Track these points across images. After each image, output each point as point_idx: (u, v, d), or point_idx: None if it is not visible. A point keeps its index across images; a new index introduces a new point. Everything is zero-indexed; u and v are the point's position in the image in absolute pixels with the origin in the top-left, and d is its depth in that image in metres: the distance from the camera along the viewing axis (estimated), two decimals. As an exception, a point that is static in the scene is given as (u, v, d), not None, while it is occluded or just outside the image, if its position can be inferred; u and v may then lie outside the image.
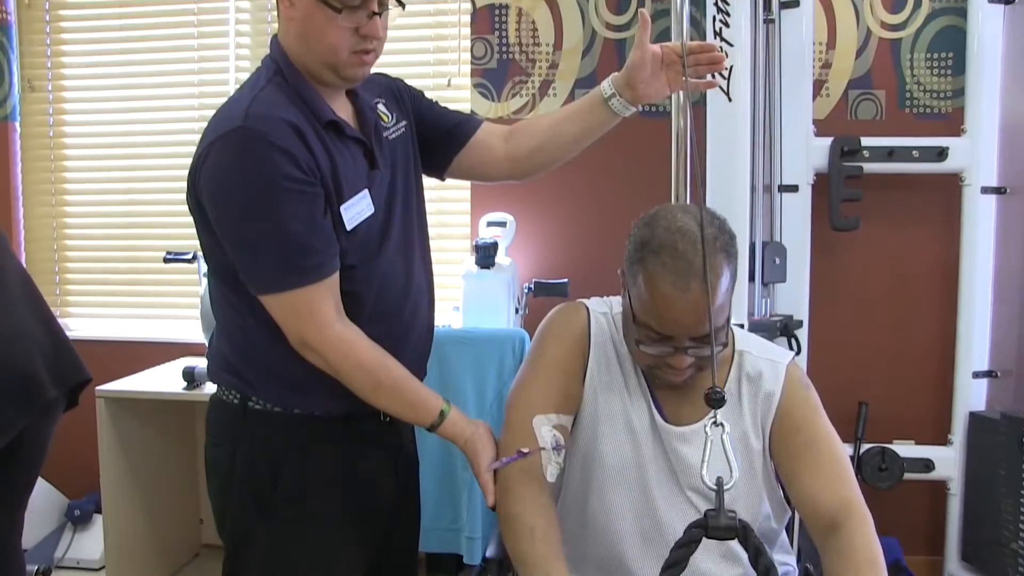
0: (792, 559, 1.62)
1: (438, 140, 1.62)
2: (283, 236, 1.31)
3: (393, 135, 1.51)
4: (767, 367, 1.46)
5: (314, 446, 1.46)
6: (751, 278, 2.64)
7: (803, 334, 2.71)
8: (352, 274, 1.40)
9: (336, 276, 1.37)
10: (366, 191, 1.42)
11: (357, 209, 1.40)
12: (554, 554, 1.33)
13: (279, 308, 1.36)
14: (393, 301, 1.48)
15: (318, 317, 1.35)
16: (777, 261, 2.67)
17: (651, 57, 1.50)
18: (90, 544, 3.22)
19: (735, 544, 1.44)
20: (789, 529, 1.67)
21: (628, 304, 1.37)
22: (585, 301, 1.56)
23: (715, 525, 1.01)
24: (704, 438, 1.09)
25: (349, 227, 1.38)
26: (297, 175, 1.31)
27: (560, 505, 1.52)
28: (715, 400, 1.05)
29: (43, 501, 3.20)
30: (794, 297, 2.75)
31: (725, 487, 1.03)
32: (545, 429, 1.43)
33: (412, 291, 1.52)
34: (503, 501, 1.41)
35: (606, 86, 1.56)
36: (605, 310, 1.53)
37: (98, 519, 3.20)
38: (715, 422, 1.07)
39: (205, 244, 1.43)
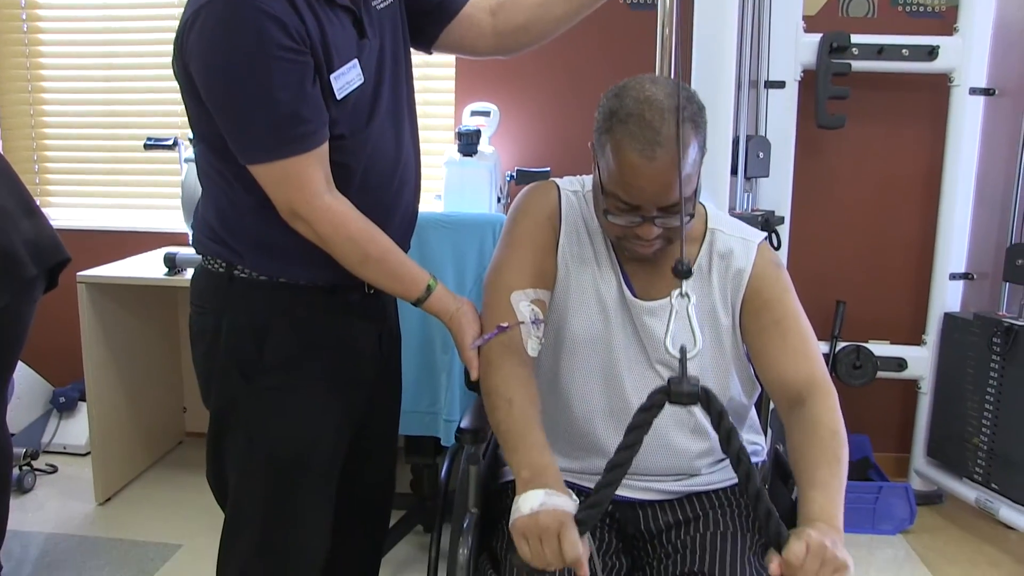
0: (761, 439, 1.66)
1: (427, 13, 1.59)
2: (272, 105, 1.29)
3: (381, 5, 1.48)
4: (738, 245, 1.48)
5: (299, 314, 1.47)
6: (733, 172, 2.64)
7: (784, 231, 2.73)
8: (342, 144, 1.39)
9: (326, 146, 1.36)
10: (355, 60, 1.39)
11: (347, 79, 1.37)
12: (530, 422, 1.34)
13: (268, 178, 1.35)
14: (382, 173, 1.47)
15: (307, 187, 1.34)
16: (760, 155, 2.67)
17: None
18: (76, 430, 3.28)
19: (705, 420, 1.49)
20: (760, 411, 1.71)
21: (597, 175, 1.37)
22: (556, 180, 1.56)
23: (678, 391, 1.02)
24: (670, 309, 1.10)
25: (339, 96, 1.36)
26: (287, 43, 1.28)
27: None
28: (682, 272, 1.06)
29: (28, 388, 3.24)
30: (777, 193, 2.76)
31: (689, 355, 1.04)
32: (523, 304, 1.44)
33: (401, 164, 1.51)
34: (485, 375, 1.43)
35: None
36: (576, 188, 1.54)
37: (83, 406, 3.25)
38: (681, 293, 1.08)
39: (192, 112, 1.40)
